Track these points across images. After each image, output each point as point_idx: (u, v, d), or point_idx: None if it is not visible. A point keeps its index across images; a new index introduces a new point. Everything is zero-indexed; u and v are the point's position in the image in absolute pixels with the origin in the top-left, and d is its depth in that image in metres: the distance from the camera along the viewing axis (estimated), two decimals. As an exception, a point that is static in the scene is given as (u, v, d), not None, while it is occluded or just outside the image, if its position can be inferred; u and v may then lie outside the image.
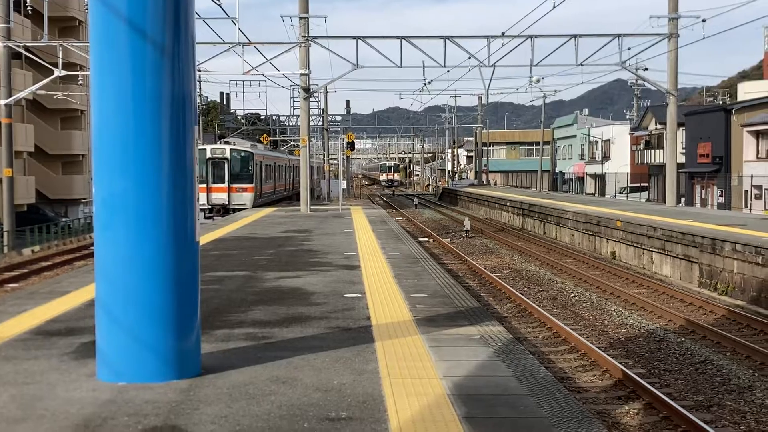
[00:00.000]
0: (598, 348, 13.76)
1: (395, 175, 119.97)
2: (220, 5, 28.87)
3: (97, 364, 6.86)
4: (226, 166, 40.20)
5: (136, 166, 6.56)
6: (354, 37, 33.47)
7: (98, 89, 6.67)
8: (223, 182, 40.00)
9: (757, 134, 46.67)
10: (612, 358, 12.96)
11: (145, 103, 6.55)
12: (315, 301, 10.82)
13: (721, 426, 10.07)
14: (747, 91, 73.65)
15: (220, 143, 43.64)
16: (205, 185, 38.99)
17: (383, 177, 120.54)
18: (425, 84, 40.95)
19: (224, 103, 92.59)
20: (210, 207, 39.31)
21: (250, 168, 41.16)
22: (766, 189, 43.51)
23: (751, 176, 43.81)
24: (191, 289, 6.89)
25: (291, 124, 75.06)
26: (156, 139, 6.59)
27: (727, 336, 14.68)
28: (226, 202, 39.86)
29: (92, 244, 27.38)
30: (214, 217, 36.79)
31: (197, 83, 7.14)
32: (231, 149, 40.99)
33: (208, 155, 40.04)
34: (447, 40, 33.38)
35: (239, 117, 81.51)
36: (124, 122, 6.56)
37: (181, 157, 6.71)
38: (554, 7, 29.83)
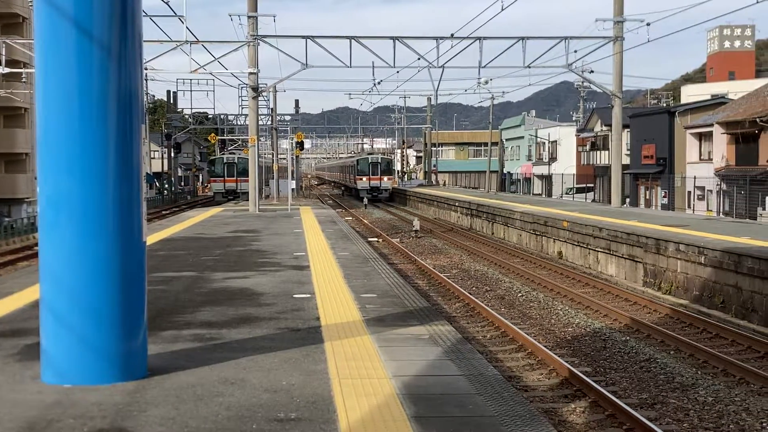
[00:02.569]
0: (545, 347, 13.91)
1: (385, 178, 69.62)
2: (167, 3, 28.61)
3: (42, 365, 6.75)
4: (235, 167, 62.08)
5: (82, 165, 6.48)
6: (303, 37, 33.39)
7: (43, 87, 6.57)
8: (234, 176, 61.89)
9: (700, 136, 47.56)
10: (559, 356, 13.11)
11: (91, 102, 6.47)
12: (264, 302, 10.77)
13: (665, 423, 10.25)
14: (690, 93, 75.29)
15: (227, 153, 67.55)
16: (222, 178, 62.66)
17: (361, 182, 69.30)
18: (375, 84, 41.11)
19: (171, 101, 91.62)
20: (225, 191, 61.83)
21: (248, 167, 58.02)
22: (708, 190, 44.37)
23: (694, 177, 44.63)
24: (138, 289, 6.82)
25: (239, 123, 74.68)
26: (102, 137, 6.51)
27: (670, 335, 14.95)
28: (235, 188, 61.29)
29: (36, 245, 26.88)
30: (228, 198, 59.62)
31: (144, 82, 7.08)
32: (238, 156, 63.07)
33: (225, 161, 63.37)
34: (396, 41, 33.48)
35: (186, 116, 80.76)
36: (70, 120, 6.47)
37: (127, 156, 6.64)
38: (502, 9, 30.12)
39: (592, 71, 49.11)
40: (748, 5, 25.87)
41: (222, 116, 79.40)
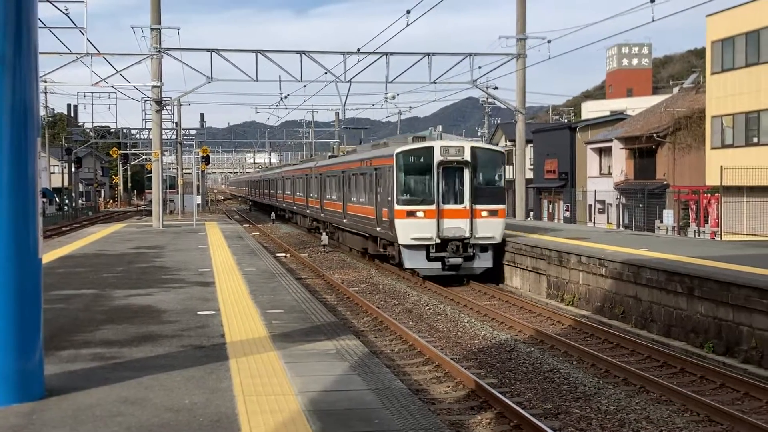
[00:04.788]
0: (452, 359, 14.01)
1: (485, 212, 24.58)
2: (67, 14, 27.94)
3: (-71, 389, 6.46)
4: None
5: (-27, 180, 6.24)
6: (208, 50, 33.02)
7: (-69, 98, 6.30)
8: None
9: (600, 151, 48.87)
10: (465, 369, 13.21)
11: (-17, 114, 6.24)
12: (167, 319, 10.55)
13: (568, 432, 10.41)
14: (590, 109, 77.29)
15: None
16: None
17: (412, 223, 23.80)
18: (282, 98, 40.92)
19: (72, 115, 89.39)
20: None
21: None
22: (609, 203, 45.58)
23: (595, 191, 45.79)
24: (33, 307, 6.59)
25: (143, 137, 73.27)
26: (-5, 151, 6.28)
27: (573, 345, 15.24)
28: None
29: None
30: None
31: (41, 94, 6.87)
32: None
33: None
34: (303, 55, 33.41)
35: (88, 130, 78.95)
36: (-40, 133, 6.22)
37: (22, 171, 6.42)
38: (408, 24, 30.40)
39: (496, 87, 50.10)
40: (644, 23, 26.77)
41: (125, 130, 77.88)
